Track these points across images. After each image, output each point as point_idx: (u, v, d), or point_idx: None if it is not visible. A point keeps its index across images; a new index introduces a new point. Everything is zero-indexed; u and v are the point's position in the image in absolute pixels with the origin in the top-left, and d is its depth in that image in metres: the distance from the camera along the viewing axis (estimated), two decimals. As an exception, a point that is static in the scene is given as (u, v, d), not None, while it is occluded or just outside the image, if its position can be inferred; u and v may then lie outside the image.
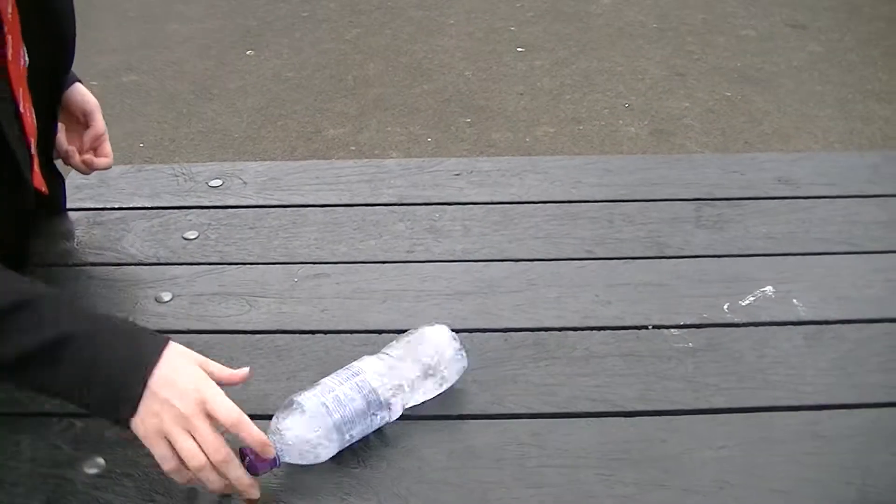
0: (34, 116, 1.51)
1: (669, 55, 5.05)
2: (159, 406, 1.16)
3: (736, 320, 1.51)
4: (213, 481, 1.18)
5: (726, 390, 1.38)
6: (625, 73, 4.86)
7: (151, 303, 1.55)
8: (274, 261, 1.65)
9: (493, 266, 1.63)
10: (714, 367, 1.41)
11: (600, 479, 1.24)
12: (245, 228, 1.73)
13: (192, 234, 1.71)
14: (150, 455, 1.25)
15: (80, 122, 1.69)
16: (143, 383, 1.16)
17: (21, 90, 1.45)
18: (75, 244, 1.70)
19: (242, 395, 1.35)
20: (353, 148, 4.20)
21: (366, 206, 1.80)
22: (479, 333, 1.48)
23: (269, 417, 1.32)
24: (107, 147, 1.71)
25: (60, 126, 1.69)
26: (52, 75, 1.59)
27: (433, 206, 1.79)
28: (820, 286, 1.59)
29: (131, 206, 1.79)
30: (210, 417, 1.18)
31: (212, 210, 1.79)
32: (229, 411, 1.19)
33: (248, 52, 5.13)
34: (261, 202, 1.81)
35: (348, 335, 1.48)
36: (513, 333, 1.49)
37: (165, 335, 1.23)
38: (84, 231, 1.73)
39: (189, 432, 1.16)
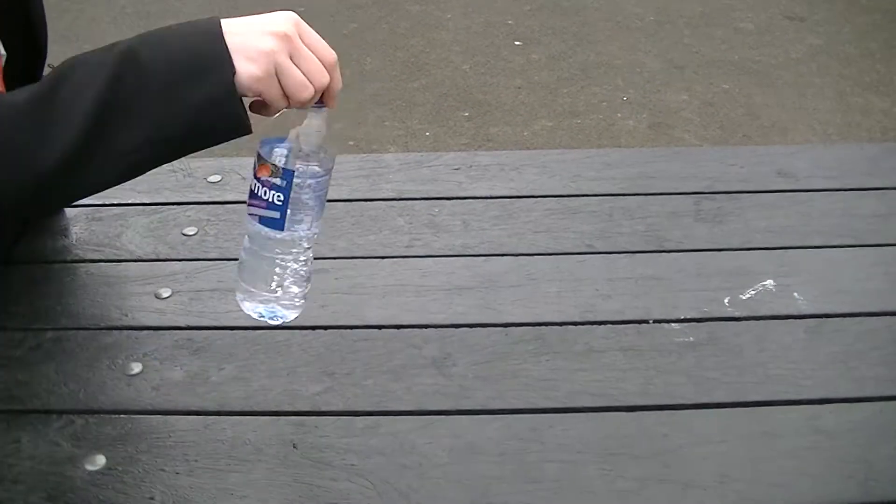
0: None
1: (667, 48, 5.04)
2: (261, 38, 1.12)
3: (736, 314, 1.51)
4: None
5: (727, 384, 1.38)
6: (623, 66, 4.86)
7: (151, 299, 1.55)
8: (273, 256, 1.65)
9: (493, 261, 1.63)
10: (715, 362, 1.41)
11: (601, 474, 1.24)
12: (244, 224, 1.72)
13: (191, 230, 1.71)
14: (150, 452, 1.26)
15: None
16: (223, 47, 1.11)
17: None
18: (73, 240, 1.70)
19: (242, 391, 1.36)
20: (351, 143, 4.19)
21: (364, 202, 1.79)
22: (479, 328, 1.48)
23: (271, 414, 1.33)
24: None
25: None
26: (25, 68, 1.57)
27: (432, 201, 1.79)
28: (820, 279, 1.59)
29: (130, 202, 1.79)
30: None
31: (211, 206, 1.78)
32: (329, 49, 1.19)
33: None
34: (259, 197, 1.80)
35: (348, 330, 1.48)
36: (513, 328, 1.48)
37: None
38: (82, 227, 1.73)
39: (293, 59, 1.14)
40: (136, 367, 1.41)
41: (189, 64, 1.10)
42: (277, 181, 1.17)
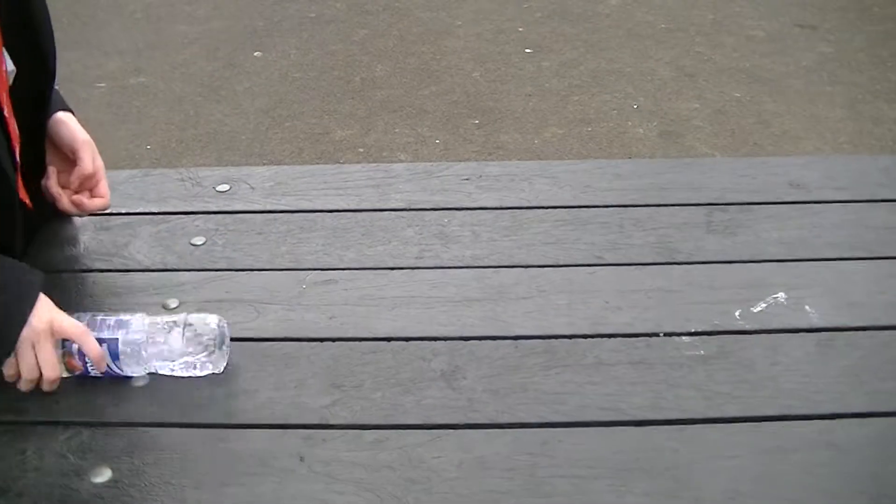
0: (17, 125, 1.49)
1: (678, 56, 5.03)
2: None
3: (747, 327, 1.50)
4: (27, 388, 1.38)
5: (738, 398, 1.37)
6: (633, 73, 4.85)
7: (158, 309, 1.54)
8: (281, 267, 1.64)
9: (503, 272, 1.62)
10: (726, 375, 1.40)
11: (611, 489, 1.23)
12: (252, 234, 1.72)
13: (199, 240, 1.70)
14: (156, 464, 1.25)
15: (71, 160, 1.65)
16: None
17: (3, 95, 1.44)
18: (81, 250, 1.69)
19: (250, 404, 1.35)
20: (360, 150, 4.19)
21: (374, 212, 1.79)
22: (488, 341, 1.47)
23: (278, 427, 1.32)
24: (102, 187, 1.66)
25: (52, 169, 1.65)
26: (33, 87, 1.57)
27: (442, 212, 1.78)
28: (832, 292, 1.58)
29: (138, 211, 1.78)
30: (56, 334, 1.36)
31: (219, 215, 1.78)
32: (74, 325, 1.37)
33: (255, 54, 5.12)
34: (268, 207, 1.80)
35: (357, 342, 1.47)
36: (522, 341, 1.47)
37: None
38: (91, 237, 1.72)
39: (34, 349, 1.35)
40: (143, 380, 1.40)
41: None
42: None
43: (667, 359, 1.43)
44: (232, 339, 1.45)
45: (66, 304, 1.56)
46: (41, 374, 1.35)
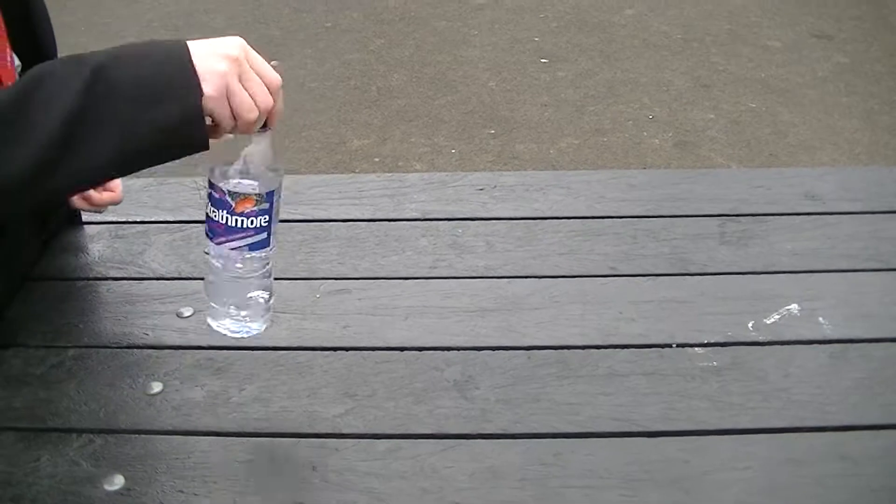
0: None
1: (694, 66, 5.03)
2: (216, 60, 1.19)
3: (760, 339, 1.50)
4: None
5: (751, 410, 1.36)
6: (649, 84, 4.85)
7: (172, 318, 1.55)
8: (296, 276, 1.65)
9: (516, 282, 1.63)
10: (738, 387, 1.40)
11: (623, 500, 1.23)
12: (267, 243, 1.72)
13: (213, 249, 1.71)
14: (169, 472, 1.26)
15: None
16: (192, 71, 1.17)
17: None
18: (96, 258, 1.70)
19: (263, 412, 1.36)
20: (376, 159, 4.20)
21: (388, 221, 1.79)
22: (501, 351, 1.47)
23: (291, 436, 1.32)
24: (114, 181, 1.66)
25: None
26: None
27: (456, 222, 1.79)
28: (846, 304, 1.57)
29: (153, 219, 1.79)
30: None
31: (234, 224, 1.78)
32: (274, 73, 1.25)
33: (271, 63, 5.12)
34: (283, 217, 1.78)
35: (370, 352, 1.47)
36: (535, 351, 1.48)
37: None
38: (105, 245, 1.73)
39: (242, 82, 1.20)
40: (157, 387, 1.41)
41: (158, 85, 1.16)
42: (264, 206, 1.24)
43: (679, 370, 1.43)
44: (245, 348, 1.46)
45: (81, 311, 1.57)
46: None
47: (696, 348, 1.47)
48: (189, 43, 1.19)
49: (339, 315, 1.55)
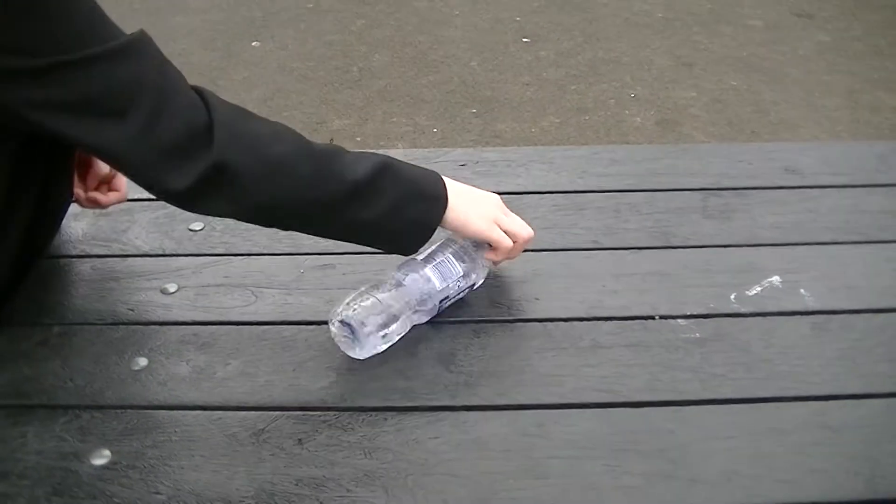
0: None
1: (676, 45, 5.03)
2: (478, 200, 1.53)
3: (743, 310, 1.51)
4: (519, 251, 1.56)
5: (734, 380, 1.37)
6: (631, 63, 4.85)
7: (157, 294, 1.55)
8: (280, 252, 1.65)
9: (500, 256, 1.63)
10: (721, 358, 1.41)
11: (607, 470, 1.24)
12: (251, 219, 1.72)
13: (197, 226, 1.71)
14: (155, 446, 1.26)
15: (85, 159, 1.63)
16: (445, 188, 1.48)
17: None
18: (80, 236, 1.70)
19: (248, 386, 1.36)
20: (358, 139, 4.19)
21: (371, 197, 1.79)
22: (485, 324, 1.48)
23: (277, 409, 1.32)
24: (118, 181, 1.67)
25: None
26: None
27: (439, 197, 1.78)
28: (827, 276, 1.58)
29: (136, 197, 1.78)
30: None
31: (217, 201, 1.78)
32: (527, 230, 1.54)
33: (253, 44, 5.12)
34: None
35: (354, 326, 1.48)
36: (520, 324, 1.48)
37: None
38: (89, 223, 1.73)
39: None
40: (143, 362, 1.41)
41: (422, 191, 1.45)
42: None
43: (663, 341, 1.44)
44: (230, 323, 1.46)
45: (65, 289, 1.57)
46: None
47: (680, 320, 1.48)
48: (450, 182, 1.50)
49: (323, 290, 1.56)
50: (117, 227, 1.71)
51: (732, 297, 1.53)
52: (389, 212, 1.41)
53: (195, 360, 1.41)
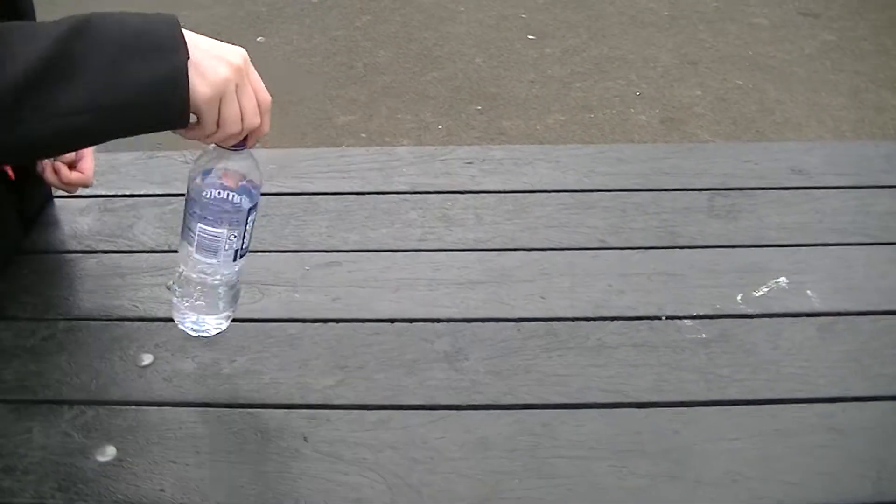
0: None
1: (681, 43, 5.03)
2: (218, 62, 1.19)
3: (749, 311, 1.50)
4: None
5: (739, 382, 1.37)
6: (636, 60, 4.85)
7: (162, 290, 1.54)
8: (285, 249, 1.65)
9: (506, 255, 1.63)
10: (727, 359, 1.41)
11: (612, 471, 1.23)
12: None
13: (203, 222, 1.71)
14: (160, 443, 1.26)
15: None
16: (180, 32, 1.17)
17: None
18: (86, 231, 1.70)
19: (254, 384, 1.36)
20: (363, 135, 4.19)
21: (377, 195, 1.79)
22: (491, 323, 1.48)
23: (282, 407, 1.32)
24: (84, 163, 1.62)
25: None
26: None
27: (445, 195, 1.79)
28: (834, 277, 1.58)
29: (142, 193, 1.79)
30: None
31: (223, 197, 1.78)
32: (266, 93, 1.24)
33: (258, 39, 5.12)
34: (272, 190, 1.80)
35: (360, 324, 1.47)
36: (525, 323, 1.48)
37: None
38: (95, 218, 1.73)
39: (237, 92, 1.20)
40: (148, 359, 1.41)
41: (144, 40, 1.14)
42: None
43: (669, 342, 1.44)
44: (236, 321, 1.46)
45: (71, 285, 1.57)
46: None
47: (686, 321, 1.48)
48: (190, 34, 1.19)
49: (329, 287, 1.55)
50: (123, 222, 1.71)
51: (739, 297, 1.53)
52: (96, 87, 1.11)
53: (201, 356, 1.41)
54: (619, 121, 4.30)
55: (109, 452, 1.25)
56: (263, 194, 1.49)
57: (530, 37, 5.12)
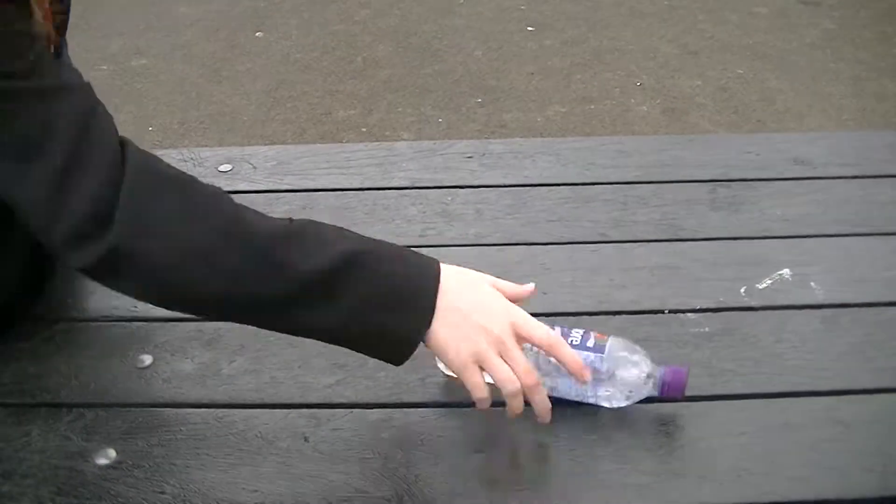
0: None
1: (681, 33, 5.01)
2: (472, 330, 1.18)
3: (753, 304, 1.49)
4: (517, 407, 1.20)
5: (743, 375, 1.36)
6: (636, 51, 4.84)
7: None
8: (285, 247, 1.63)
9: (507, 250, 1.62)
10: (731, 352, 1.40)
11: (616, 467, 1.22)
12: (255, 214, 1.71)
13: (202, 221, 1.70)
14: (160, 445, 1.25)
15: None
16: (435, 296, 1.18)
17: None
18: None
19: (254, 384, 1.35)
20: (363, 130, 4.18)
21: (377, 190, 1.78)
22: (492, 319, 1.46)
23: (283, 407, 1.31)
24: None
25: None
26: None
27: (445, 190, 1.78)
28: (838, 268, 1.57)
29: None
30: (520, 340, 1.20)
31: (221, 195, 1.77)
32: (546, 332, 1.22)
33: (256, 34, 5.11)
34: (271, 187, 1.79)
35: (360, 322, 1.46)
36: (527, 319, 1.47)
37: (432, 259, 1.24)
38: (93, 218, 1.71)
39: (502, 356, 1.18)
40: (147, 360, 1.40)
41: (399, 295, 1.19)
42: None
43: (672, 336, 1.43)
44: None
45: (69, 285, 1.56)
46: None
47: (689, 314, 1.47)
48: (449, 273, 1.22)
49: (329, 285, 1.54)
50: (121, 222, 1.70)
51: (742, 290, 1.52)
52: (346, 318, 1.17)
53: (200, 357, 1.40)
54: (620, 112, 4.29)
55: (109, 455, 1.25)
56: (262, 192, 1.49)
57: (530, 28, 5.11)
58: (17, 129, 1.11)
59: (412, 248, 1.44)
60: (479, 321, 1.19)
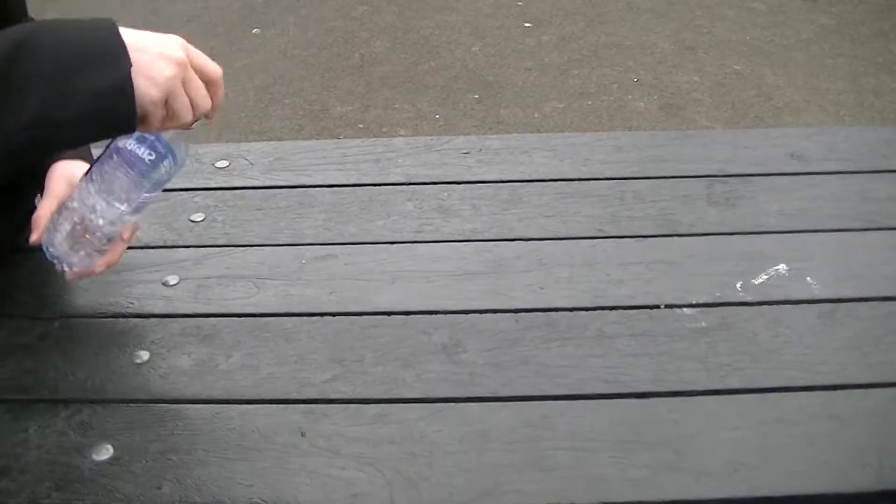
0: None
1: (678, 29, 5.01)
2: (161, 61, 1.15)
3: (749, 299, 1.49)
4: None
5: (740, 370, 1.36)
6: (633, 47, 4.83)
7: (158, 286, 1.54)
8: (281, 242, 1.64)
9: (503, 245, 1.62)
10: (727, 347, 1.40)
11: (613, 462, 1.23)
12: (252, 210, 1.71)
13: (198, 217, 1.70)
14: (158, 441, 1.25)
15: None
16: (120, 38, 1.12)
17: None
18: (81, 227, 1.69)
19: (250, 379, 1.35)
20: (360, 126, 4.18)
21: (373, 186, 1.78)
22: (489, 314, 1.47)
23: (280, 402, 1.31)
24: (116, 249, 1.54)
25: (49, 202, 1.49)
26: None
27: (442, 185, 1.78)
28: (834, 264, 1.57)
29: (137, 188, 1.78)
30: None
31: (218, 192, 1.77)
32: (215, 65, 1.22)
33: (254, 31, 5.10)
34: (267, 183, 1.79)
35: (357, 317, 1.47)
36: (523, 314, 1.47)
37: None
38: (90, 214, 1.71)
39: (184, 85, 1.18)
40: (144, 356, 1.40)
41: (86, 53, 1.11)
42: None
43: (668, 331, 1.43)
44: (232, 315, 1.45)
45: (65, 282, 1.56)
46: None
47: (685, 309, 1.47)
48: (127, 35, 1.15)
49: (325, 280, 1.54)
50: (118, 218, 1.70)
51: (738, 285, 1.52)
52: (46, 95, 1.09)
53: (197, 352, 1.41)
54: (618, 107, 4.29)
55: (107, 451, 1.25)
56: (259, 188, 1.49)
57: (527, 24, 5.10)
58: None
59: (409, 244, 1.45)
60: (158, 49, 1.16)
